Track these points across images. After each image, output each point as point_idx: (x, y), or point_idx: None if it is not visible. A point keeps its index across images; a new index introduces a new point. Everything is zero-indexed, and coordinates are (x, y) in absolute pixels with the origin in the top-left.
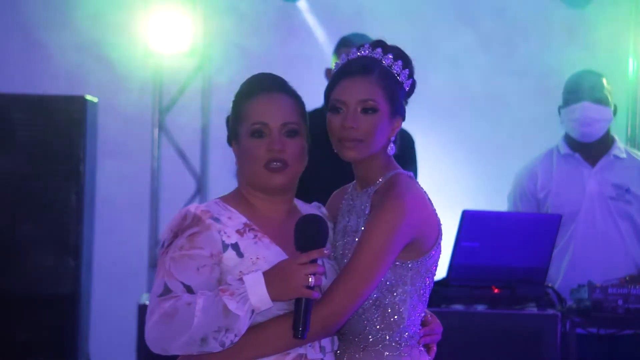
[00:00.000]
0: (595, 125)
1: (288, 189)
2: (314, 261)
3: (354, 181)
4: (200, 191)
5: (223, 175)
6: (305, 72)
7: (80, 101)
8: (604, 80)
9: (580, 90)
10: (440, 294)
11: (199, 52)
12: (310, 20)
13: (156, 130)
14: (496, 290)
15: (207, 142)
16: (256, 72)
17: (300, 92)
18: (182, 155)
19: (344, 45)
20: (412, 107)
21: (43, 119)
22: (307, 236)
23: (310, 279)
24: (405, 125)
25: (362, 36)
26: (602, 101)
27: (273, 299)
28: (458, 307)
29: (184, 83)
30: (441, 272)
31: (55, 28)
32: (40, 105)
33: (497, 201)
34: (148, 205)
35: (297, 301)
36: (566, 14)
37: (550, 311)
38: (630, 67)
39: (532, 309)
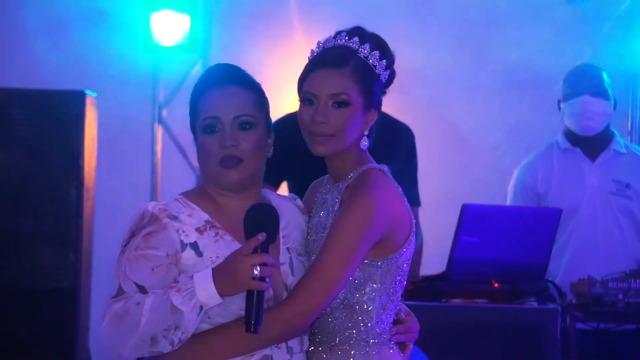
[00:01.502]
0: (596, 119)
1: (247, 184)
2: (263, 251)
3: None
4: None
5: None
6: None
7: (79, 96)
8: (604, 74)
9: (580, 84)
10: (440, 288)
11: (198, 45)
12: (311, 14)
13: (156, 125)
14: (496, 285)
15: None
16: (255, 65)
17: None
18: (181, 150)
19: None
20: (413, 102)
21: (42, 114)
22: (254, 226)
23: (255, 270)
24: (405, 119)
25: None
26: (602, 95)
27: (222, 294)
28: (458, 301)
29: (183, 77)
30: (441, 266)
31: (54, 22)
32: (39, 100)
33: (497, 195)
34: (148, 199)
35: (248, 294)
36: (566, 8)
37: (550, 305)
38: (630, 61)
39: (532, 303)
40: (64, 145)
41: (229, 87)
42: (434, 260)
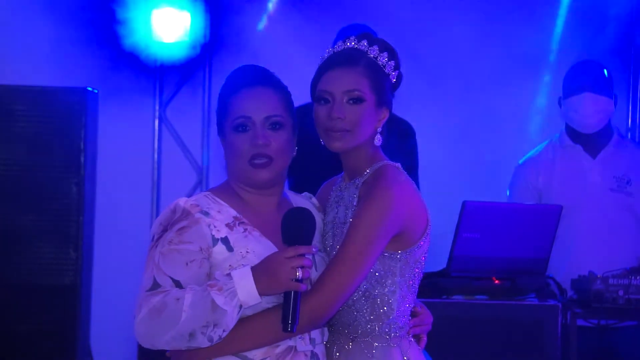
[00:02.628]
0: (597, 117)
1: (275, 182)
2: (301, 255)
3: (343, 172)
4: (201, 182)
5: (224, 166)
6: (306, 63)
7: (81, 92)
8: (605, 71)
9: (581, 81)
10: (440, 285)
11: (201, 43)
12: (311, 10)
13: (157, 122)
14: (497, 282)
15: (208, 133)
16: (258, 62)
17: (301, 85)
18: (183, 147)
19: (343, 36)
20: (413, 98)
21: (44, 110)
22: (294, 230)
23: (297, 272)
24: (406, 116)
25: (362, 27)
26: (603, 91)
27: (261, 294)
28: (458, 298)
29: (185, 74)
30: (442, 263)
31: (55, 19)
32: (41, 97)
33: (498, 192)
34: (149, 196)
35: (286, 294)
36: (567, 2)
37: (551, 302)
38: (631, 57)
39: (533, 300)
40: (66, 141)
41: (259, 88)
42: (435, 257)
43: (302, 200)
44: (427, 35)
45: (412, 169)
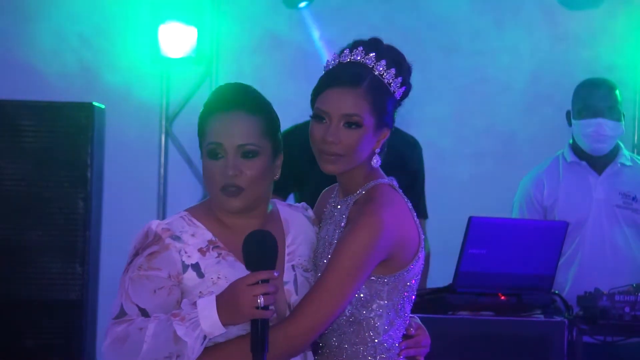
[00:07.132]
0: (608, 142)
1: (250, 208)
2: (265, 280)
3: None
4: (206, 197)
5: None
6: (310, 78)
7: (88, 107)
8: (617, 92)
9: (595, 105)
10: (446, 301)
11: (207, 58)
12: (316, 27)
13: (163, 137)
14: (503, 298)
15: None
16: (262, 77)
17: (304, 100)
18: (189, 162)
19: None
20: (420, 112)
21: (50, 126)
22: (255, 255)
23: (259, 299)
24: (412, 130)
25: None
26: (616, 117)
27: (225, 324)
28: (464, 314)
29: (191, 89)
30: (448, 279)
31: (62, 35)
32: (48, 112)
33: (504, 208)
34: (155, 211)
35: (253, 323)
36: (574, 18)
37: (557, 318)
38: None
39: (539, 316)
40: (72, 157)
41: (235, 113)
42: (441, 273)
43: (295, 213)
44: (436, 48)
45: (419, 185)
